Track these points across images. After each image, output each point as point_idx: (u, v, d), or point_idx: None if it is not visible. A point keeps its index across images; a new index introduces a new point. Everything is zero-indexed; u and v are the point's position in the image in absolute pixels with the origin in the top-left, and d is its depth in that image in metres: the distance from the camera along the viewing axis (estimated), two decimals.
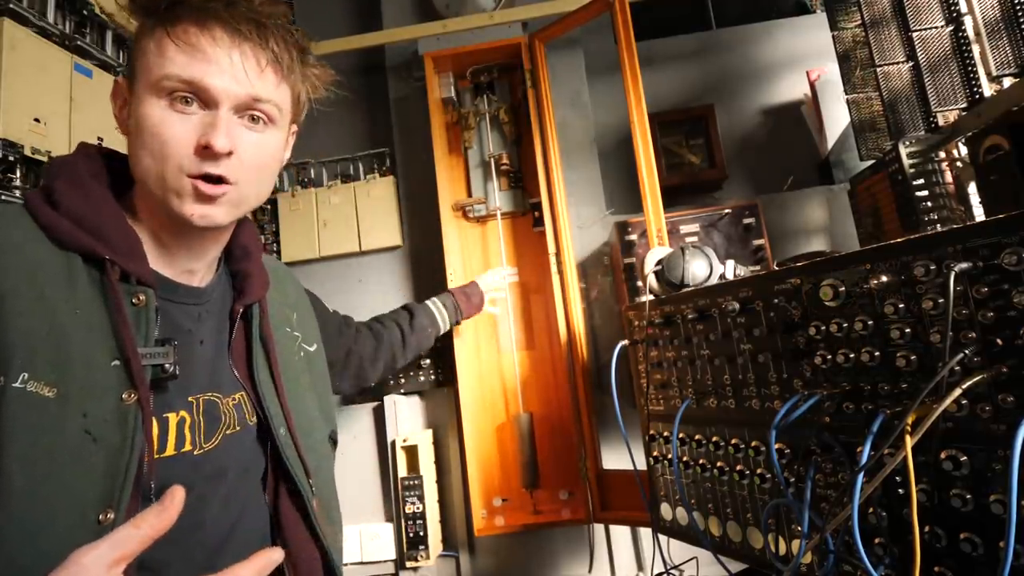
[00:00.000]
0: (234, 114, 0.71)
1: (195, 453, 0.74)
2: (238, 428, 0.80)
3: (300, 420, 0.87)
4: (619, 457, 1.85)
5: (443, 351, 2.09)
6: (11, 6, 1.32)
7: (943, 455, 0.68)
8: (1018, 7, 1.19)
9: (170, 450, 0.71)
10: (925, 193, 1.43)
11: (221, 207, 0.72)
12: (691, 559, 1.23)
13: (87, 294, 0.66)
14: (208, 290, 0.81)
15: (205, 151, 0.68)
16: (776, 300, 0.90)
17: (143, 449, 0.65)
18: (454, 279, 2.02)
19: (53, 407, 0.61)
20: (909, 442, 0.65)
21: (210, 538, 0.73)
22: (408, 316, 1.55)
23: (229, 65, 0.69)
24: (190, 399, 0.74)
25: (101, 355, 0.65)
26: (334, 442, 1.01)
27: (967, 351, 0.65)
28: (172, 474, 0.70)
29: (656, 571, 1.27)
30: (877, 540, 0.76)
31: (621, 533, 1.96)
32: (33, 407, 0.60)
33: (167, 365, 0.70)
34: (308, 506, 0.82)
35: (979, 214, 1.36)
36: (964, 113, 1.36)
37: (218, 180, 0.70)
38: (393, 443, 2.02)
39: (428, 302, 1.64)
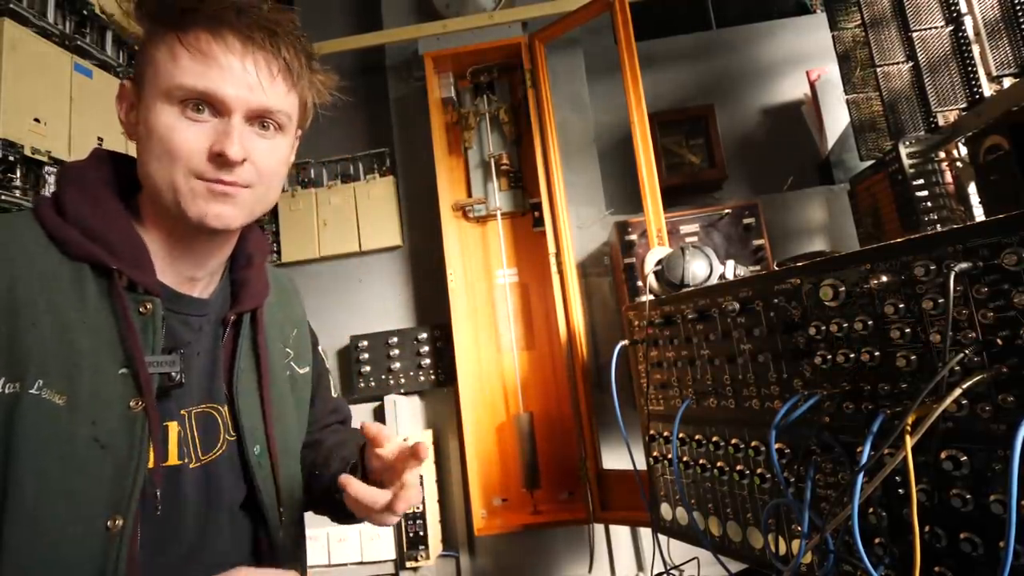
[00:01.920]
0: (245, 122, 0.71)
1: (191, 466, 0.73)
2: (232, 439, 0.79)
3: (281, 441, 0.84)
4: (619, 457, 1.85)
5: (443, 351, 2.10)
6: (11, 6, 1.32)
7: (943, 455, 0.68)
8: (1018, 7, 1.19)
9: (172, 459, 0.71)
10: (925, 193, 1.43)
11: (235, 207, 0.71)
12: (692, 559, 1.23)
13: (95, 303, 0.67)
14: (210, 301, 0.80)
15: (219, 159, 0.68)
16: (776, 300, 0.90)
17: (148, 457, 0.66)
18: (454, 279, 2.02)
19: (64, 415, 0.62)
20: (909, 442, 0.65)
21: (210, 561, 0.72)
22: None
23: (242, 74, 0.69)
24: (182, 412, 0.74)
25: (109, 364, 0.66)
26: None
27: (967, 351, 0.65)
28: (173, 484, 0.70)
29: (656, 571, 1.27)
30: (877, 540, 0.76)
31: (621, 533, 1.96)
32: (46, 415, 0.61)
33: (173, 373, 0.70)
34: (274, 537, 0.79)
35: (979, 214, 1.36)
36: (964, 113, 1.36)
37: (232, 184, 0.71)
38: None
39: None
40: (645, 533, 1.93)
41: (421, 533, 1.92)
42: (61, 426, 0.61)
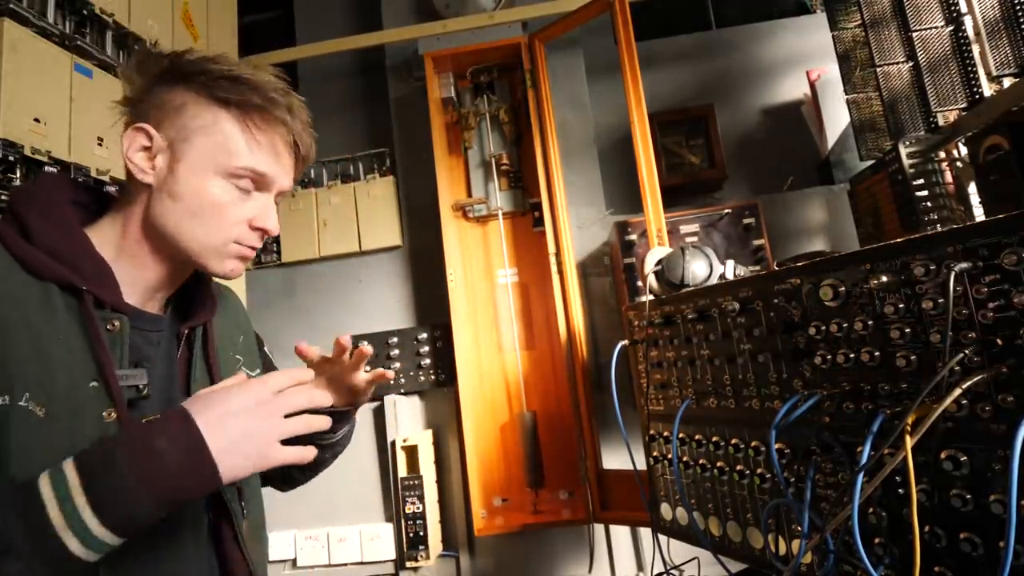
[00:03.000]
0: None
1: None
2: None
3: None
4: (619, 457, 1.85)
5: (443, 351, 2.10)
6: (11, 6, 1.32)
7: (943, 455, 0.68)
8: (1018, 7, 1.19)
9: None
10: (925, 193, 1.43)
11: (245, 264, 0.83)
12: (692, 559, 1.23)
13: (64, 320, 0.70)
14: (165, 317, 0.84)
15: (260, 232, 0.80)
16: (776, 300, 0.90)
17: None
18: (454, 279, 2.02)
19: (44, 426, 0.64)
20: (909, 442, 0.65)
21: (172, 557, 0.75)
22: None
23: (288, 165, 0.81)
24: (144, 421, 0.74)
25: (80, 377, 0.69)
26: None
27: (967, 351, 0.65)
28: None
29: (656, 571, 1.27)
30: (877, 540, 0.76)
31: (621, 533, 1.96)
32: (32, 426, 0.63)
33: (141, 386, 0.74)
34: (238, 528, 0.83)
35: (979, 214, 1.36)
36: (964, 113, 1.36)
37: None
38: (393, 443, 2.03)
39: None
40: (645, 533, 1.93)
41: (421, 533, 1.92)
42: (43, 438, 0.64)
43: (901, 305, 0.72)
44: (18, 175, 1.32)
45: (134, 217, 0.79)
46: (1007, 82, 1.26)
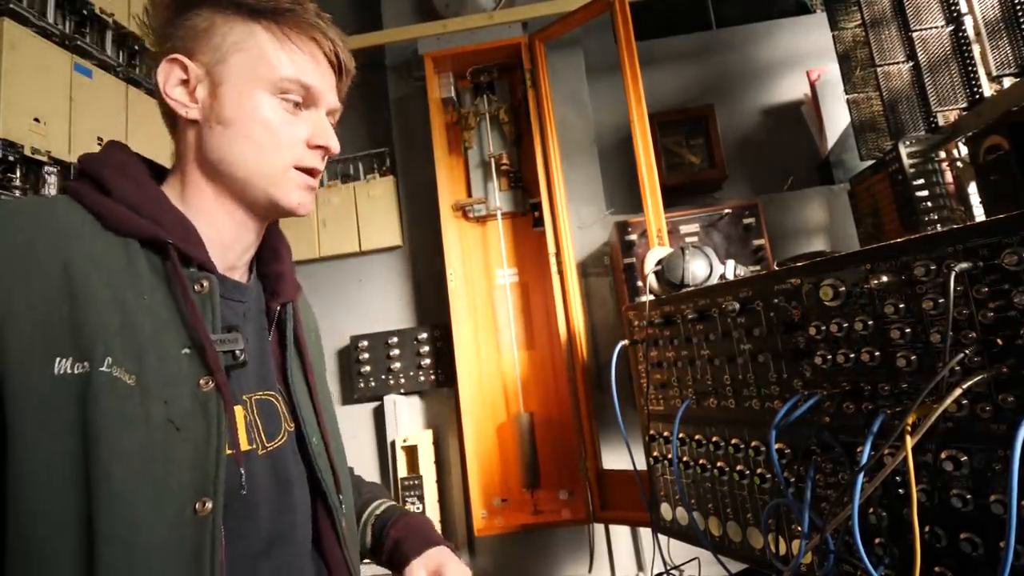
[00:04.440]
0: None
1: (259, 453, 0.71)
2: (291, 429, 0.78)
3: (331, 432, 0.84)
4: (619, 457, 1.85)
5: (443, 351, 2.10)
6: (11, 6, 1.32)
7: (943, 455, 0.68)
8: (1018, 7, 1.19)
9: (243, 444, 0.69)
10: (925, 193, 1.43)
11: (313, 197, 0.78)
12: (693, 559, 1.23)
13: (149, 281, 0.64)
14: (250, 287, 0.79)
15: (320, 150, 0.75)
16: (776, 300, 0.90)
17: (226, 438, 0.63)
18: (454, 279, 2.02)
19: (136, 395, 0.59)
20: (909, 442, 0.65)
21: (282, 553, 0.70)
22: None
23: (330, 74, 0.77)
24: (244, 397, 0.72)
25: (171, 343, 0.63)
26: None
27: (967, 351, 0.65)
28: (248, 469, 0.67)
29: (656, 571, 1.26)
30: (877, 540, 0.76)
31: (621, 533, 1.96)
32: (120, 394, 0.58)
33: (238, 352, 0.68)
34: (338, 526, 0.78)
35: (979, 214, 1.36)
36: (964, 113, 1.36)
37: (314, 173, 0.76)
38: (393, 443, 2.03)
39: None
40: (645, 533, 1.93)
41: None
42: (135, 407, 0.58)
43: (901, 305, 0.72)
44: (18, 175, 1.32)
45: (190, 163, 0.72)
46: (1007, 82, 1.26)
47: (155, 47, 0.74)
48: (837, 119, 2.18)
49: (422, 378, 2.11)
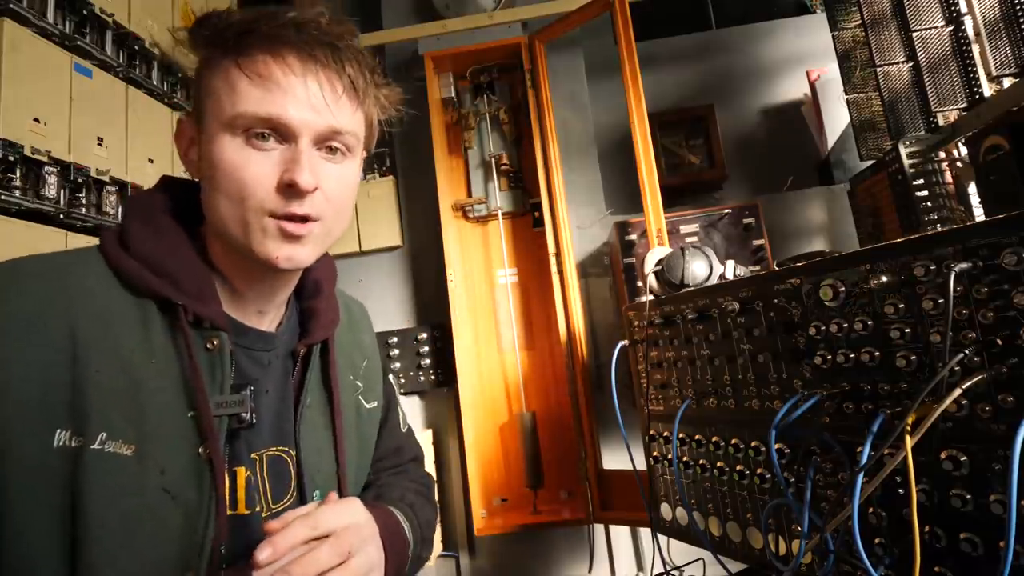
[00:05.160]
0: (313, 147, 0.66)
1: (263, 515, 0.68)
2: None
3: (353, 485, 0.79)
4: (619, 457, 1.85)
5: (443, 351, 2.10)
6: (11, 6, 1.32)
7: (943, 455, 0.68)
8: (1018, 7, 1.19)
9: (241, 508, 0.66)
10: (925, 193, 1.43)
11: (307, 246, 0.67)
12: (697, 560, 1.22)
13: (161, 342, 0.63)
14: (278, 335, 0.75)
15: (289, 189, 0.63)
16: (776, 300, 0.90)
17: (216, 508, 0.62)
18: (454, 279, 2.02)
19: (132, 466, 0.58)
20: (909, 442, 0.65)
21: None
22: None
23: (305, 95, 0.64)
24: (253, 456, 0.69)
25: (177, 406, 0.62)
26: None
27: (967, 351, 0.65)
28: (241, 536, 0.65)
29: (656, 571, 1.26)
30: (877, 540, 0.76)
31: (621, 533, 1.96)
32: (111, 469, 0.57)
33: (243, 414, 0.66)
34: None
35: (979, 214, 1.36)
36: (964, 113, 1.36)
37: (303, 219, 0.65)
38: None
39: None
40: (645, 533, 1.93)
41: None
42: (129, 477, 0.58)
43: (901, 305, 0.72)
44: (18, 175, 1.32)
45: (206, 220, 0.70)
46: (1007, 82, 1.26)
47: None
48: (837, 119, 2.18)
49: (422, 378, 2.11)
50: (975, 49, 1.33)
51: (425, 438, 2.04)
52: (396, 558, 0.71)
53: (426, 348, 2.11)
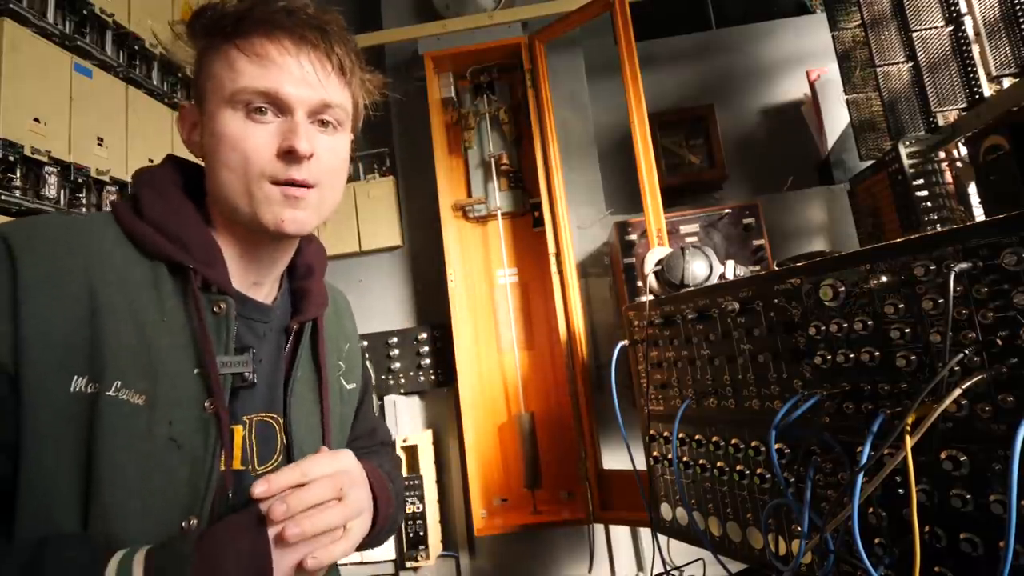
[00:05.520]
0: (308, 119, 0.72)
1: (252, 474, 0.72)
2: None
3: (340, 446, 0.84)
4: (619, 457, 1.85)
5: (443, 351, 2.10)
6: (11, 6, 1.32)
7: (943, 455, 0.68)
8: (1018, 7, 1.19)
9: (236, 463, 0.71)
10: (925, 193, 1.43)
11: (307, 210, 0.72)
12: (697, 560, 1.22)
13: (172, 303, 0.68)
14: (274, 308, 0.80)
15: (288, 155, 0.69)
16: (776, 300, 0.90)
17: (220, 459, 0.67)
18: (454, 279, 2.02)
19: (143, 414, 0.63)
20: (909, 442, 0.65)
21: None
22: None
23: (300, 71, 0.70)
24: (244, 418, 0.73)
25: (185, 364, 0.67)
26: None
27: (967, 351, 0.65)
28: (238, 489, 0.69)
29: (656, 571, 1.26)
30: (877, 540, 0.76)
31: (621, 533, 1.96)
32: (125, 415, 0.62)
33: (246, 374, 0.71)
34: None
35: (979, 214, 1.36)
36: (964, 113, 1.36)
37: (302, 184, 0.71)
38: (393, 443, 2.02)
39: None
40: (645, 533, 1.93)
41: (421, 533, 1.92)
42: (140, 425, 0.63)
43: (901, 305, 0.72)
44: (18, 175, 1.32)
45: (210, 197, 0.76)
46: (1007, 82, 1.26)
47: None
48: (837, 119, 2.18)
49: (422, 378, 2.11)
50: (975, 49, 1.33)
51: (425, 438, 2.04)
52: (384, 507, 0.78)
53: (426, 348, 2.11)
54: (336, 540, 0.65)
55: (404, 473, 1.98)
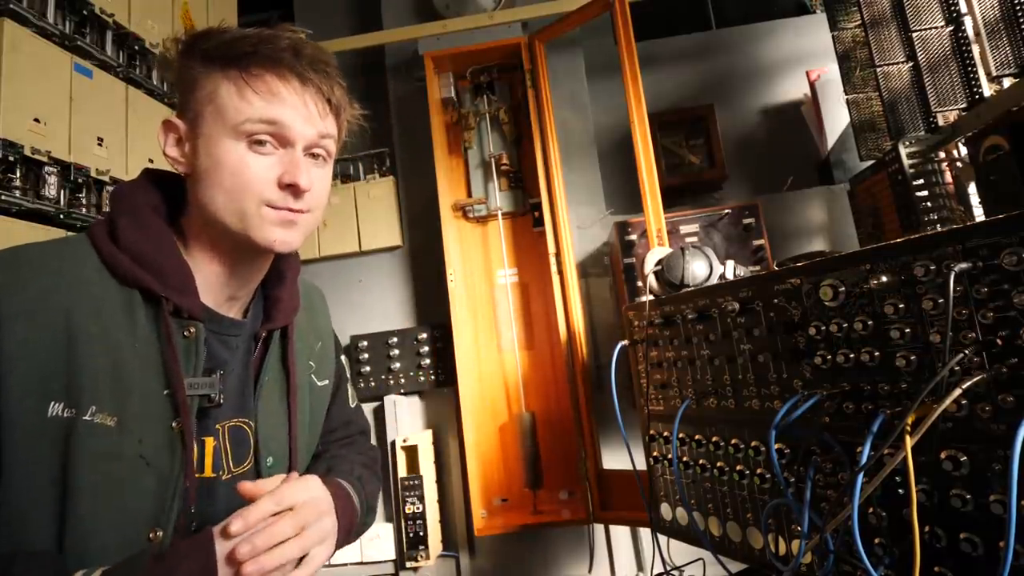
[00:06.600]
0: (303, 153, 0.77)
1: (223, 478, 0.78)
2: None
3: (303, 455, 0.90)
4: (619, 457, 1.85)
5: (443, 351, 2.10)
6: (11, 6, 1.32)
7: (943, 455, 0.68)
8: (1018, 7, 1.19)
9: (207, 471, 0.77)
10: (925, 193, 1.43)
11: (298, 232, 0.78)
12: (697, 560, 1.22)
13: (144, 328, 0.72)
14: (246, 322, 0.84)
15: (290, 188, 0.75)
16: (776, 300, 0.90)
17: (185, 472, 0.72)
18: (454, 279, 2.02)
19: (114, 435, 0.68)
20: (909, 442, 0.65)
21: None
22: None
23: (304, 110, 0.76)
24: (217, 426, 0.78)
25: (155, 386, 0.71)
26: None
27: (967, 351, 0.65)
28: (207, 497, 0.75)
29: (656, 571, 1.26)
30: (877, 540, 0.76)
31: (621, 533, 1.96)
32: (98, 436, 0.67)
33: (212, 395, 0.76)
34: None
35: (979, 214, 1.36)
36: (964, 113, 1.36)
37: (298, 211, 0.77)
38: (393, 443, 2.03)
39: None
40: (645, 533, 1.93)
41: (421, 533, 1.92)
42: (112, 445, 0.67)
43: (901, 305, 0.72)
44: (18, 175, 1.32)
45: (191, 211, 0.79)
46: (1007, 82, 1.26)
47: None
48: (837, 119, 2.18)
49: (422, 378, 2.11)
50: (975, 49, 1.33)
51: (425, 438, 2.04)
52: (347, 525, 0.83)
53: (426, 348, 2.11)
54: (289, 572, 0.69)
55: (404, 473, 1.98)
